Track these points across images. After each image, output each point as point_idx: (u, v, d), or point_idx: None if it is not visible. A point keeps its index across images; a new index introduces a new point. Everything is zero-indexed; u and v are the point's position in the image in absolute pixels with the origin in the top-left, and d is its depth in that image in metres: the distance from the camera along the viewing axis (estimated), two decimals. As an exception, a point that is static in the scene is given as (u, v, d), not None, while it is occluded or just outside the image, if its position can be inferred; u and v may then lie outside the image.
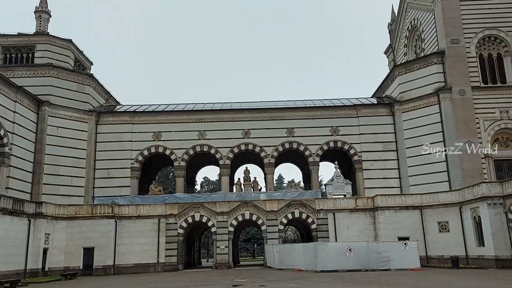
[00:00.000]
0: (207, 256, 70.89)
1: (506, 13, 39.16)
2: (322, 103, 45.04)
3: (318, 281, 22.39)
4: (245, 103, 46.02)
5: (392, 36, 55.69)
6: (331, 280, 22.73)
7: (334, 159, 42.71)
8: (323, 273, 27.48)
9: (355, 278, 23.52)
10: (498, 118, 37.35)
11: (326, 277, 24.83)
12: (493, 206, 29.80)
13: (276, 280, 23.27)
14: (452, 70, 38.69)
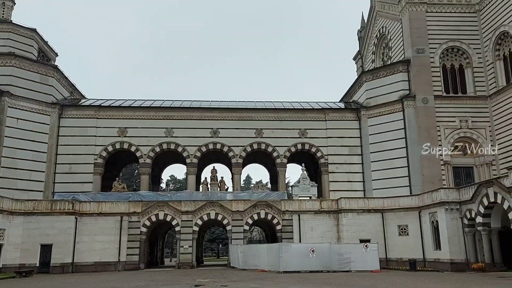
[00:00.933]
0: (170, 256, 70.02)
1: (468, 26, 40.84)
2: (291, 105, 45.45)
3: (280, 281, 22.56)
4: (215, 102, 45.82)
5: (361, 42, 56.94)
6: (292, 280, 22.95)
7: (302, 161, 43.18)
8: (285, 274, 27.71)
9: (316, 279, 23.85)
10: (458, 126, 38.86)
11: (288, 277, 25.05)
12: (450, 211, 30.99)
13: (239, 280, 23.27)
14: (416, 78, 39.95)
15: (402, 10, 42.53)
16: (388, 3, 47.06)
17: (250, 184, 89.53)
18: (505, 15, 37.24)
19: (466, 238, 30.28)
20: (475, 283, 21.04)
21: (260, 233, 70.50)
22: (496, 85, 38.56)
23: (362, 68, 56.21)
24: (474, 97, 39.58)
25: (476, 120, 38.94)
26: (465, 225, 30.24)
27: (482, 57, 40.07)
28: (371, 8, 52.03)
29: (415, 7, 41.19)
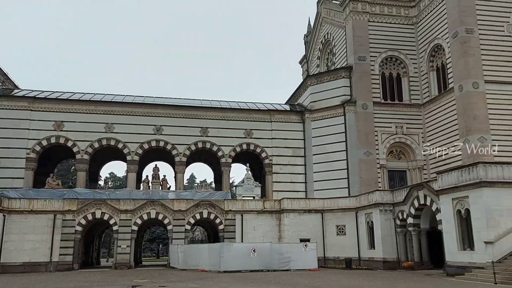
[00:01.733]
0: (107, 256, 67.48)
1: (406, 37, 43.20)
2: (237, 105, 45.53)
3: (219, 281, 22.49)
4: (159, 99, 44.74)
5: (307, 47, 58.36)
6: (232, 280, 22.97)
7: (246, 161, 43.37)
8: (226, 273, 27.68)
9: (256, 278, 24.06)
10: (394, 132, 40.96)
11: (229, 277, 25.05)
12: (384, 212, 32.61)
13: (178, 281, 22.90)
14: (357, 85, 41.62)
15: (346, 18, 44.13)
16: (333, 10, 48.62)
17: (194, 183, 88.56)
18: (439, 29, 39.83)
19: (398, 238, 32.00)
20: (404, 280, 22.27)
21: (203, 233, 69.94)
22: (429, 94, 41.10)
23: (307, 72, 57.59)
24: (409, 104, 41.93)
25: (410, 126, 41.28)
26: (397, 226, 31.95)
27: (417, 67, 42.55)
28: (317, 14, 53.48)
29: (358, 16, 42.91)
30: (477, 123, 34.82)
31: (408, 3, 43.69)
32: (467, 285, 19.50)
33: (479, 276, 20.91)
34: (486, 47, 36.50)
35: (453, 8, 37.50)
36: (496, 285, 18.78)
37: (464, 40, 36.29)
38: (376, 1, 43.51)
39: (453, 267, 23.91)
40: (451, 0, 37.90)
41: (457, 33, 36.74)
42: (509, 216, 22.23)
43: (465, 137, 35.29)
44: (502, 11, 37.47)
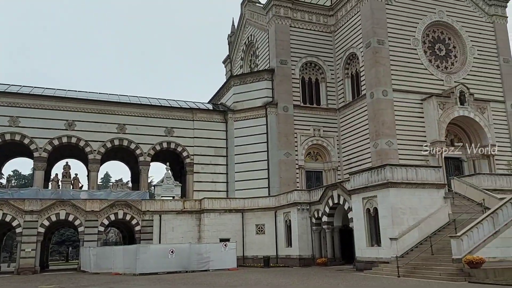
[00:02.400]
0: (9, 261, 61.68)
1: (325, 44, 45.27)
2: (158, 102, 44.24)
3: (134, 284, 21.62)
4: (72, 92, 41.85)
5: (231, 47, 58.61)
6: (148, 282, 22.22)
7: (166, 160, 42.31)
8: (142, 276, 26.70)
9: (173, 280, 23.53)
10: (311, 134, 42.70)
11: (144, 279, 24.19)
12: (301, 211, 33.85)
13: (89, 285, 21.58)
14: (279, 87, 42.71)
15: (269, 21, 45.08)
16: (257, 13, 49.40)
17: (109, 182, 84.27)
18: (353, 39, 42.36)
19: (313, 236, 33.41)
20: (318, 276, 23.28)
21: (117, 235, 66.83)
22: (344, 100, 43.51)
23: (231, 72, 57.83)
24: (326, 109, 44.00)
25: (327, 129, 43.35)
26: (313, 224, 33.35)
27: (334, 74, 44.82)
28: (241, 16, 53.96)
29: (281, 21, 44.06)
30: (385, 128, 37.60)
31: (327, 12, 45.85)
32: (373, 279, 20.90)
33: (384, 270, 22.53)
34: (394, 58, 39.58)
35: (367, 20, 40.13)
36: (399, 278, 20.36)
37: (376, 50, 38.99)
38: (298, 8, 45.02)
39: (362, 262, 25.52)
40: (365, 13, 40.52)
41: (370, 43, 39.38)
42: (411, 214, 24.28)
43: (374, 140, 37.93)
44: (409, 26, 40.90)
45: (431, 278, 19.52)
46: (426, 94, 39.15)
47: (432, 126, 38.18)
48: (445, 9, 42.57)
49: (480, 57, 43.02)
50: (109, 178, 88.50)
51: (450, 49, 43.02)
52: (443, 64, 42.33)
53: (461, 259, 19.12)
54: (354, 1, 42.32)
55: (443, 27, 42.87)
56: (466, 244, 19.82)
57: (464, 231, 20.22)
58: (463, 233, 20.08)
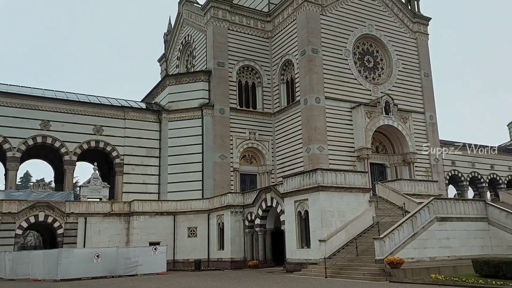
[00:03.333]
0: None
1: (262, 49, 45.88)
2: (87, 98, 42.01)
3: (55, 292, 20.22)
4: (-10, 85, 38.43)
5: (167, 46, 57.38)
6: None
7: (94, 160, 40.24)
8: (63, 282, 25.10)
9: (98, 285, 22.40)
10: (247, 137, 43.00)
11: (66, 286, 22.79)
12: (235, 214, 33.92)
13: (2, 295, 19.80)
14: (215, 89, 42.53)
15: (207, 23, 44.77)
16: (194, 13, 48.86)
17: (29, 182, 78.48)
18: (289, 46, 43.43)
19: (246, 238, 33.60)
20: (249, 278, 23.43)
21: (37, 238, 62.27)
22: (279, 105, 44.39)
23: (166, 71, 56.57)
24: (262, 112, 44.57)
25: (262, 133, 43.90)
26: (246, 227, 33.55)
27: (270, 79, 45.58)
28: (179, 14, 53.07)
29: (219, 23, 43.97)
30: (317, 134, 38.95)
31: (265, 18, 46.57)
32: (301, 280, 21.47)
33: (313, 271, 23.25)
34: (327, 67, 41.17)
35: (302, 28, 41.37)
36: (327, 279, 21.10)
37: (310, 59, 40.30)
38: (236, 11, 45.20)
39: (292, 264, 26.13)
40: (301, 21, 41.75)
41: (305, 51, 40.63)
42: (339, 217, 25.34)
43: (307, 145, 39.12)
44: (341, 37, 42.80)
45: (356, 278, 20.49)
46: (355, 103, 41.19)
47: (359, 133, 40.22)
48: (374, 23, 45.16)
49: (404, 70, 46.16)
50: (30, 178, 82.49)
51: (377, 61, 45.68)
52: (371, 75, 44.82)
53: (383, 260, 20.29)
54: (290, 9, 43.41)
55: (372, 40, 45.42)
56: (388, 246, 21.07)
57: (386, 233, 21.49)
58: (385, 235, 21.33)
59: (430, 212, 23.26)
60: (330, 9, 42.82)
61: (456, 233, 23.62)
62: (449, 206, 24.27)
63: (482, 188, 56.00)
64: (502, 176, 57.40)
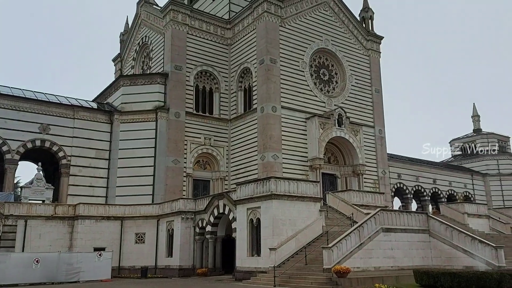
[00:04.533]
0: None
1: (221, 56, 45.83)
2: (34, 95, 39.95)
3: (-13, 300, 18.86)
4: None
5: (123, 46, 55.92)
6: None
7: (39, 160, 38.22)
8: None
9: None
10: (202, 143, 42.60)
11: (0, 294, 21.28)
12: (186, 220, 33.39)
13: None
14: (172, 93, 41.89)
15: (166, 25, 44.14)
16: (153, 15, 48.02)
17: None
18: (248, 54, 43.72)
19: (196, 246, 33.13)
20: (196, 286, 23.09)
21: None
22: (236, 112, 44.45)
23: (121, 72, 55.04)
24: (218, 118, 44.39)
25: (218, 139, 43.69)
26: (196, 233, 33.09)
27: (228, 85, 45.57)
28: (137, 15, 51.95)
29: (178, 26, 43.50)
30: (272, 142, 39.35)
31: (225, 25, 46.64)
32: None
33: (262, 280, 23.30)
34: (284, 77, 41.83)
35: (262, 38, 41.85)
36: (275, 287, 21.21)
37: (268, 68, 40.78)
38: (196, 16, 44.93)
39: (242, 272, 26.05)
40: (260, 31, 42.22)
41: (263, 60, 41.07)
42: (290, 226, 25.63)
43: (262, 153, 39.40)
44: (299, 49, 43.68)
45: (304, 287, 20.75)
46: (310, 114, 42.09)
47: (313, 144, 41.10)
48: (330, 38, 46.54)
49: (356, 85, 47.83)
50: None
51: (332, 75, 47.04)
52: (326, 88, 46.05)
53: (331, 269, 20.71)
54: (251, 18, 43.81)
55: (328, 54, 46.75)
56: (336, 255, 21.54)
57: (335, 242, 21.98)
58: (334, 244, 21.82)
59: (376, 223, 24.09)
60: (289, 21, 43.65)
61: (399, 244, 24.62)
62: (394, 218, 25.26)
63: (424, 201, 58.99)
64: (443, 190, 60.78)
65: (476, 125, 74.36)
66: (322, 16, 46.46)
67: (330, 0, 47.28)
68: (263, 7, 41.99)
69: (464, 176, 64.23)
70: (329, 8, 47.22)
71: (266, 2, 41.91)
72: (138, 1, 51.48)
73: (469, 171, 65.74)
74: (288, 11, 43.73)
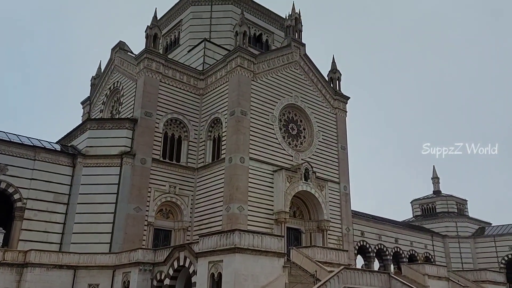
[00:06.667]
0: None
1: (192, 105, 46.29)
2: (-6, 134, 38.54)
3: None
4: None
5: (94, 90, 55.69)
6: None
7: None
8: None
9: None
10: (167, 191, 41.76)
11: None
12: (143, 272, 31.84)
13: None
14: (139, 138, 41.48)
15: (139, 72, 44.57)
16: (127, 62, 48.47)
17: None
18: (219, 105, 44.44)
19: (153, 299, 31.41)
20: None
21: None
22: (204, 161, 44.27)
23: (88, 115, 54.37)
24: (185, 167, 43.98)
25: (183, 188, 43.00)
26: (154, 287, 31.49)
27: (198, 134, 45.69)
28: (110, 60, 52.32)
29: (152, 74, 43.99)
30: (238, 193, 39.10)
31: (198, 76, 47.61)
32: None
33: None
34: (254, 129, 42.52)
35: (234, 90, 42.87)
36: None
37: (238, 120, 41.44)
38: (170, 66, 45.74)
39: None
40: (233, 84, 43.32)
41: (234, 112, 41.80)
42: (252, 281, 24.90)
43: (227, 204, 38.96)
44: (269, 103, 44.88)
45: None
46: (278, 167, 42.50)
47: (279, 197, 41.12)
48: (300, 95, 48.25)
49: (323, 141, 49.11)
50: None
51: (301, 130, 48.23)
52: (294, 142, 47.00)
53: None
54: (224, 71, 45.02)
55: (297, 110, 48.19)
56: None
57: (298, 300, 21.47)
58: (297, 302, 21.29)
59: (340, 282, 23.88)
60: (261, 76, 45.14)
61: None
62: (357, 277, 25.17)
63: (387, 260, 59.17)
64: (405, 250, 61.41)
65: (436, 186, 76.81)
66: (292, 74, 48.39)
67: (301, 60, 49.54)
68: (237, 62, 43.39)
69: (425, 237, 65.39)
70: (300, 67, 49.36)
71: (240, 57, 43.39)
72: (112, 47, 52.07)
73: (429, 232, 67.11)
74: (261, 67, 45.34)
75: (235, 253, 24.69)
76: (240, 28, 45.42)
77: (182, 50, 54.19)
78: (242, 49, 43.75)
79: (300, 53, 49.51)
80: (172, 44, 58.24)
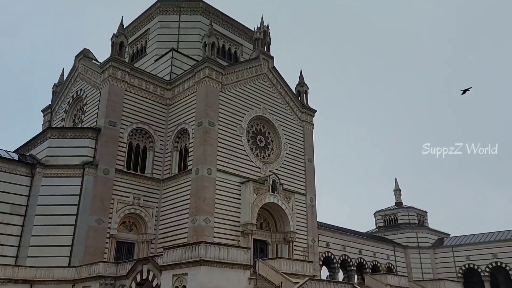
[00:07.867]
0: None
1: (158, 115, 45.57)
2: None
3: None
4: None
5: (55, 97, 53.86)
6: None
7: None
8: None
9: None
10: (130, 202, 40.69)
11: None
12: (105, 286, 30.74)
13: None
14: (102, 148, 40.33)
15: (104, 80, 43.53)
16: (91, 69, 47.27)
17: None
18: (186, 116, 43.99)
19: (114, 315, 30.29)
20: None
21: None
22: (170, 172, 43.53)
23: (49, 123, 52.42)
24: (150, 178, 43.07)
25: (148, 199, 42.05)
26: (115, 301, 30.44)
27: (164, 145, 44.96)
28: (74, 68, 50.87)
29: (116, 83, 43.06)
30: (205, 205, 38.63)
31: (165, 85, 47.05)
32: None
33: None
34: (221, 141, 42.31)
35: (201, 101, 42.63)
36: None
37: (206, 131, 41.15)
38: (136, 75, 44.97)
39: None
40: (200, 95, 43.08)
41: (202, 123, 41.51)
42: (218, 294, 24.51)
43: (193, 216, 38.38)
44: (237, 115, 44.89)
45: None
46: (245, 178, 42.39)
47: (246, 208, 40.95)
48: (268, 107, 48.58)
49: (291, 153, 49.53)
50: None
51: (268, 142, 48.45)
52: (262, 154, 47.11)
53: None
54: (192, 81, 44.73)
55: (265, 122, 48.46)
56: (264, 326, 20.78)
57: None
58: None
59: (306, 293, 23.88)
60: (229, 87, 45.17)
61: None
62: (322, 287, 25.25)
63: (351, 271, 59.96)
64: (368, 260, 62.48)
65: (397, 198, 78.94)
66: (261, 86, 48.73)
67: (269, 72, 50.03)
68: (205, 72, 43.25)
69: (387, 248, 66.85)
70: (268, 80, 49.81)
71: (208, 68, 43.29)
72: (76, 55, 50.72)
73: (391, 243, 68.67)
74: (229, 78, 45.39)
75: (200, 265, 24.29)
76: (208, 39, 45.42)
77: (149, 59, 53.52)
78: (210, 60, 43.70)
79: (268, 66, 50.01)
80: (138, 53, 57.43)
